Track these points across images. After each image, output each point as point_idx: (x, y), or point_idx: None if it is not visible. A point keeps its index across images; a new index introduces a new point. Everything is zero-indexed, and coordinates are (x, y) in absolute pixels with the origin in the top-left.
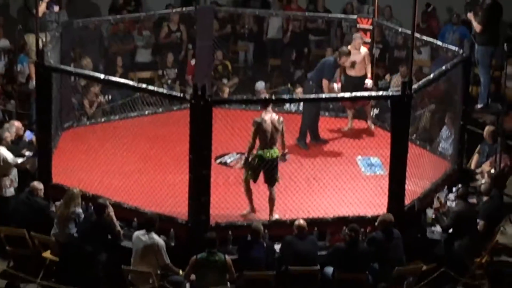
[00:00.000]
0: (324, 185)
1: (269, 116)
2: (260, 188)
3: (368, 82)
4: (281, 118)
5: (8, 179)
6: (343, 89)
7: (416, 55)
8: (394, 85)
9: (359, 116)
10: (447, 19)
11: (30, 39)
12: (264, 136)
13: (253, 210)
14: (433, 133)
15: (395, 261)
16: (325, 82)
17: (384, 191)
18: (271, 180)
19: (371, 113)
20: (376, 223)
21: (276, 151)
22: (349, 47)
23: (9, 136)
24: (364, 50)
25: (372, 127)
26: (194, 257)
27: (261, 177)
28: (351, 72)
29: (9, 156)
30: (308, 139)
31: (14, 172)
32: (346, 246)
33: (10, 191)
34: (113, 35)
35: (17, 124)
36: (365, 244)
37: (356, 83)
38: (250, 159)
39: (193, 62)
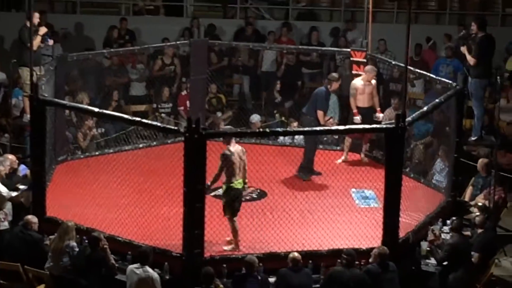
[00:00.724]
0: (318, 217)
1: (236, 148)
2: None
3: (380, 115)
4: (244, 149)
5: (2, 213)
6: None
7: (410, 88)
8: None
9: (353, 149)
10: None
11: (25, 72)
12: (233, 168)
13: (237, 247)
14: (427, 166)
15: None
16: (320, 113)
17: (379, 224)
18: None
19: (366, 146)
20: (372, 256)
21: (242, 182)
22: (360, 78)
23: (3, 170)
24: (373, 81)
25: (365, 159)
26: None
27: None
28: (360, 103)
29: (3, 189)
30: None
31: (8, 205)
32: (342, 268)
33: (4, 225)
34: (107, 69)
35: (11, 157)
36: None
37: (364, 114)
38: (220, 193)
39: (184, 92)
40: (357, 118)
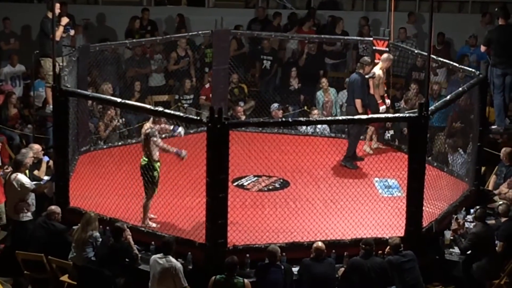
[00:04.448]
0: (341, 207)
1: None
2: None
3: (381, 108)
4: (148, 128)
5: (26, 204)
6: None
7: (433, 77)
8: (406, 100)
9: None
10: None
11: (47, 63)
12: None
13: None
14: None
15: (413, 283)
16: (357, 102)
17: (402, 213)
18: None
19: (386, 134)
20: (388, 248)
21: (142, 160)
22: (379, 67)
23: (29, 162)
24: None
25: (378, 146)
26: (213, 278)
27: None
28: (371, 91)
29: (26, 180)
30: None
31: (32, 196)
32: (361, 258)
33: (27, 216)
34: (130, 59)
35: (36, 146)
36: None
37: (375, 103)
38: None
39: (207, 85)
40: (384, 108)
